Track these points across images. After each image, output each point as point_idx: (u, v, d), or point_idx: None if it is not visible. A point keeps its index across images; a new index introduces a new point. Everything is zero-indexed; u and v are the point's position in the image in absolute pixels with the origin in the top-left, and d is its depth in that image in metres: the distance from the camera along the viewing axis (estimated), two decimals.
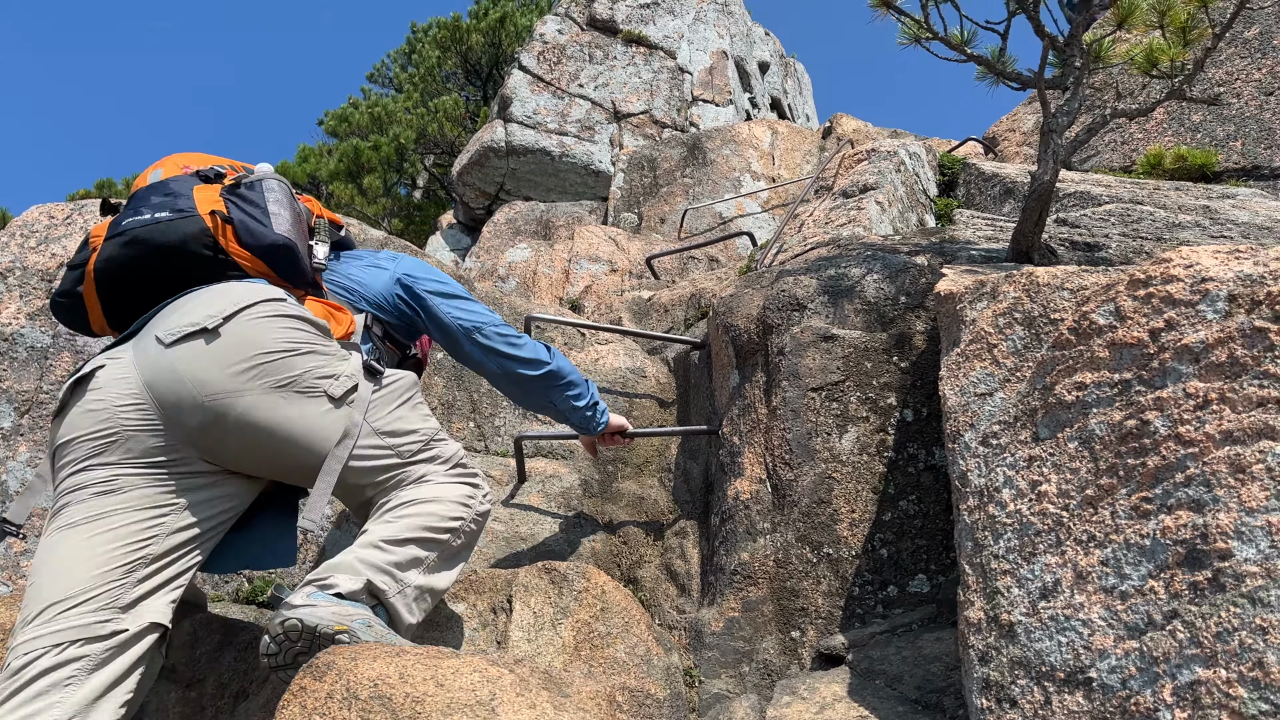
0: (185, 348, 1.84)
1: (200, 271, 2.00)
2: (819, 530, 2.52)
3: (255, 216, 2.06)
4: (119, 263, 1.97)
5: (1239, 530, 1.46)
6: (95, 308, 2.03)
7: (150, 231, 1.96)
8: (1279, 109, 4.78)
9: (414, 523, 1.96)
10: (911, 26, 2.87)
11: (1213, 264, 1.70)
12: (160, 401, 1.83)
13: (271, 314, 1.94)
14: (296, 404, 1.90)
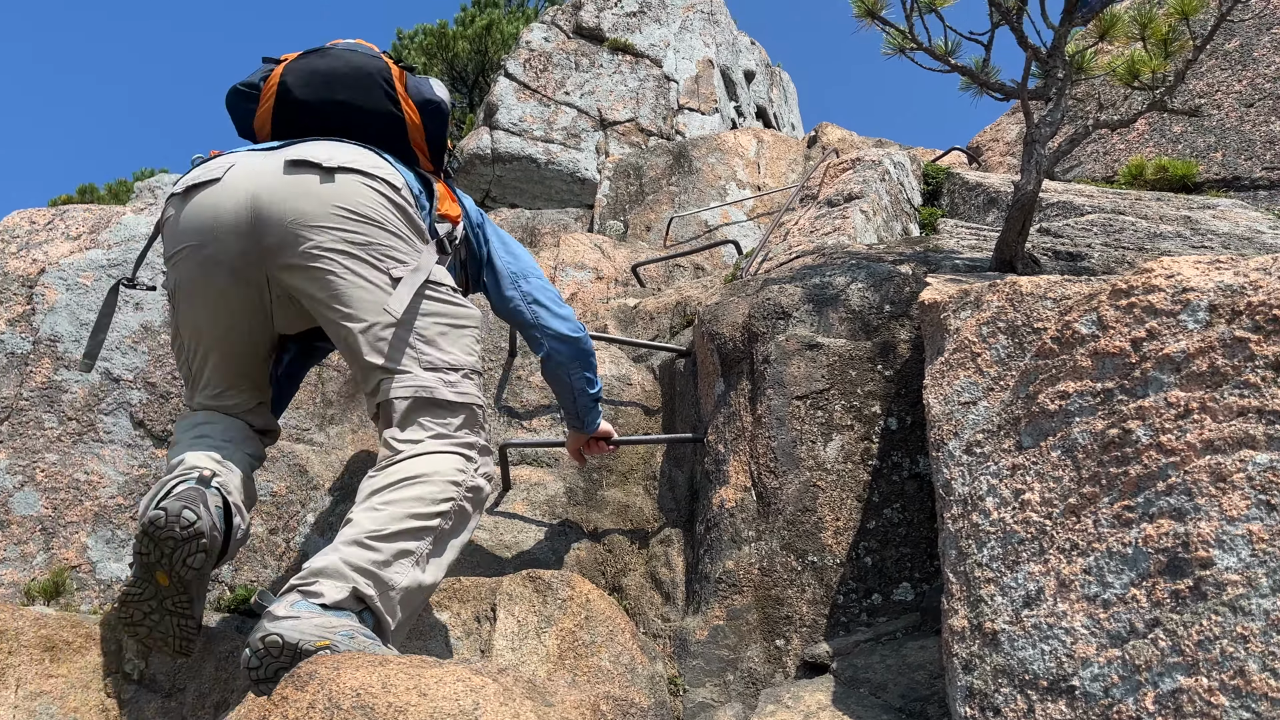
0: (305, 175, 2.00)
1: (370, 101, 2.19)
2: (804, 538, 2.52)
3: (423, 84, 2.30)
4: (314, 67, 2.16)
5: (1220, 539, 1.47)
6: (267, 105, 2.19)
7: (349, 52, 2.18)
8: (1259, 121, 4.83)
9: (402, 510, 1.91)
10: (896, 37, 2.88)
11: (1194, 274, 1.72)
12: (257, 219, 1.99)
13: (384, 188, 2.07)
14: (360, 265, 2.00)
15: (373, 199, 2.04)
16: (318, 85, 2.16)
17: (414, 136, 2.28)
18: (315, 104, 2.18)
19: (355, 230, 2.00)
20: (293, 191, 1.96)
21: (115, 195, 15.69)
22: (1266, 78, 4.96)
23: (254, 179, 1.99)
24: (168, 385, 3.14)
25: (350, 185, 2.01)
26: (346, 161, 2.04)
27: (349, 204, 2.00)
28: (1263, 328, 1.57)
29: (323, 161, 2.01)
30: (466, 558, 2.90)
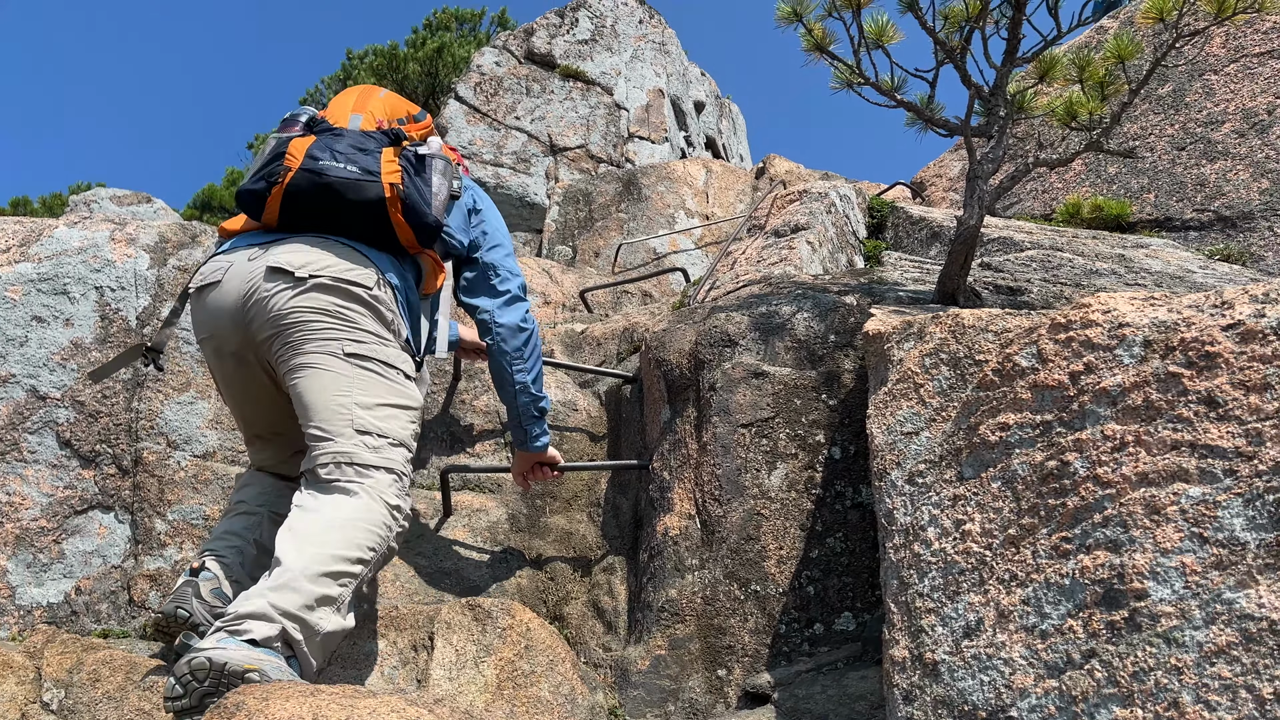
0: (277, 284, 2.28)
1: (362, 218, 2.40)
2: (747, 567, 2.51)
3: (421, 195, 2.45)
4: (308, 193, 2.36)
5: (1154, 571, 1.49)
6: (274, 211, 2.41)
7: (343, 185, 2.36)
8: (1190, 164, 5.00)
9: (330, 551, 1.99)
10: (844, 72, 2.93)
11: (1129, 310, 1.75)
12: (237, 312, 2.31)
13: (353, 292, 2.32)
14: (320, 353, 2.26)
15: (335, 303, 2.29)
16: (308, 204, 2.38)
17: (402, 237, 2.47)
18: (316, 210, 2.40)
19: (322, 325, 2.27)
20: (271, 295, 2.27)
21: (49, 208, 15.30)
22: (1197, 122, 5.14)
23: (243, 283, 2.31)
24: (97, 404, 3.04)
25: (317, 293, 2.28)
26: (318, 270, 2.29)
27: (317, 306, 2.27)
28: (1195, 363, 1.61)
29: (296, 270, 2.28)
30: (405, 584, 2.84)
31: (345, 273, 2.32)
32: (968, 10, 2.86)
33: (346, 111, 2.66)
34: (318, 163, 2.38)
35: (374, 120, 2.65)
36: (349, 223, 2.40)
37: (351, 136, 2.48)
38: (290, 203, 2.38)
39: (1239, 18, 2.61)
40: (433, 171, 2.53)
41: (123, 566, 2.89)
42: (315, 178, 2.36)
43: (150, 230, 3.45)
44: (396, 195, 2.40)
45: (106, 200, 7.74)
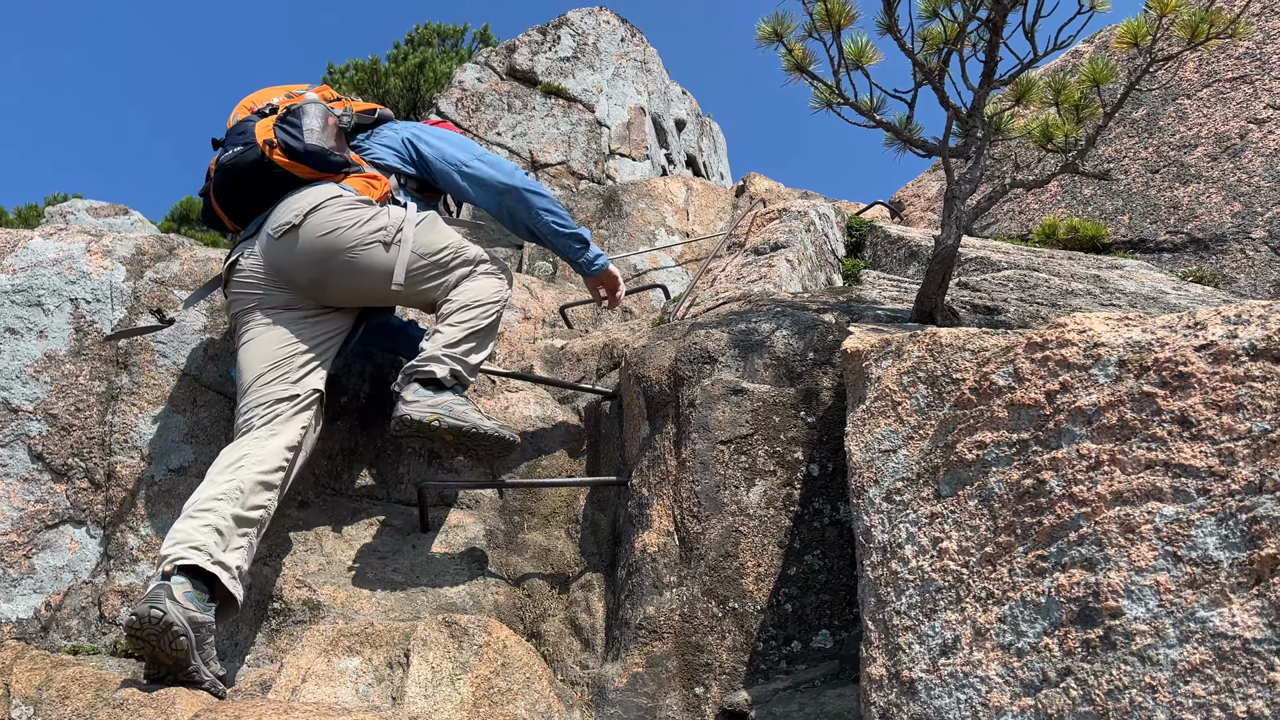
0: (287, 238, 2.80)
1: (270, 180, 2.87)
2: (725, 584, 2.51)
3: (294, 135, 2.87)
4: (223, 186, 2.92)
5: (1129, 589, 1.50)
6: (224, 215, 3.01)
7: (233, 162, 2.87)
8: (1163, 187, 5.07)
9: (464, 325, 2.86)
10: (824, 91, 2.95)
11: (1104, 330, 1.77)
12: (279, 272, 2.84)
13: (331, 205, 2.82)
14: (363, 257, 2.83)
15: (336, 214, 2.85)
16: (234, 193, 2.94)
17: (298, 173, 2.89)
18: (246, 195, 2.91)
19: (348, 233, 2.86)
20: (285, 248, 2.83)
21: (25, 219, 15.15)
22: (1171, 146, 5.22)
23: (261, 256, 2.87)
24: (70, 417, 3.01)
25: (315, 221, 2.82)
26: (303, 208, 2.82)
27: (327, 227, 2.83)
28: (1169, 383, 1.62)
29: (287, 223, 2.81)
30: (380, 601, 2.82)
31: (318, 196, 2.84)
32: (946, 33, 2.89)
33: (231, 120, 3.09)
34: (220, 162, 2.92)
35: (246, 111, 3.06)
36: (263, 188, 2.89)
37: (233, 130, 2.98)
38: (224, 201, 2.96)
39: (1212, 43, 2.66)
40: (301, 117, 2.91)
41: (94, 582, 2.85)
42: (221, 173, 2.91)
43: (127, 242, 3.43)
44: (270, 147, 2.85)
45: (83, 212, 7.67)
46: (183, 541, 2.35)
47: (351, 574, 2.91)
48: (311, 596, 2.81)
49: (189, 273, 3.40)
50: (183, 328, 3.27)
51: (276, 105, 3.00)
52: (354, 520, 3.13)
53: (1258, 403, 1.52)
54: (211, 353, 3.26)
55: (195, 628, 2.23)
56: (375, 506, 3.22)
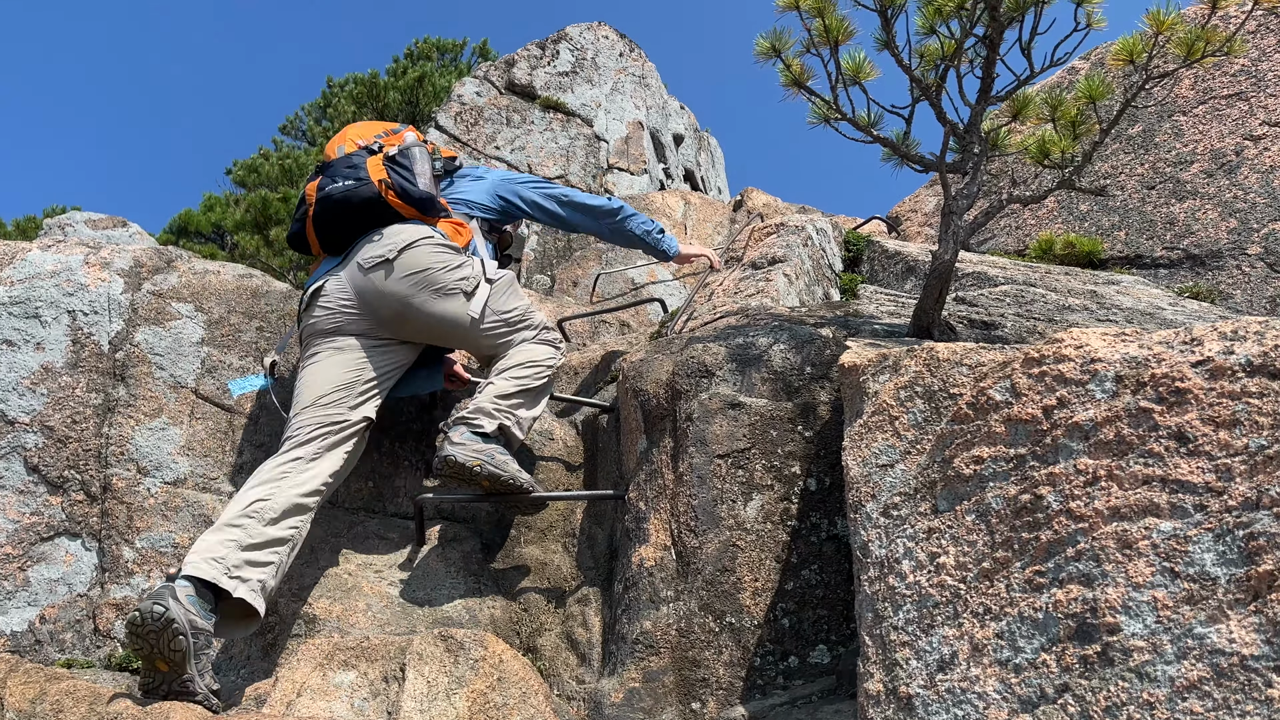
0: (378, 271, 2.97)
1: (375, 215, 3.06)
2: (722, 599, 2.50)
3: (407, 179, 3.09)
4: (326, 215, 3.06)
5: (1126, 605, 1.50)
6: (314, 241, 3.14)
7: (344, 195, 3.03)
8: (1159, 203, 5.09)
9: (518, 381, 3.03)
10: (821, 107, 2.96)
11: (1101, 345, 1.78)
12: (363, 302, 2.98)
13: (425, 246, 3.02)
14: (444, 301, 3.02)
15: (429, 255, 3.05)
16: (334, 223, 3.08)
17: (406, 214, 3.10)
18: (344, 225, 3.07)
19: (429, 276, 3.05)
20: (375, 281, 2.99)
21: (23, 231, 15.14)
22: (1167, 162, 5.24)
23: (349, 286, 3.02)
24: (66, 429, 3.00)
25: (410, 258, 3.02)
26: (400, 244, 3.02)
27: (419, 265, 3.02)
28: (1165, 399, 1.63)
29: (382, 256, 2.99)
30: (376, 614, 2.81)
31: (413, 235, 3.03)
32: (943, 49, 2.91)
33: (334, 149, 3.27)
34: (323, 188, 3.08)
35: (354, 145, 3.23)
36: (365, 221, 3.06)
37: (340, 162, 3.14)
38: (321, 228, 3.09)
39: (1207, 61, 2.67)
40: (411, 161, 3.15)
41: (88, 595, 2.84)
42: (325, 201, 3.05)
43: (125, 254, 3.43)
44: (385, 187, 3.04)
45: (81, 224, 7.68)
46: (202, 553, 2.41)
47: (347, 588, 2.90)
48: (307, 610, 2.80)
49: (186, 285, 3.41)
50: (180, 340, 3.27)
51: (381, 144, 3.22)
52: (350, 534, 3.13)
53: (1254, 419, 1.52)
54: (209, 365, 3.26)
55: (195, 632, 2.26)
56: (372, 520, 3.21)
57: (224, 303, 3.42)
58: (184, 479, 3.04)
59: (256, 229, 15.12)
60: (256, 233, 15.06)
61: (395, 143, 3.24)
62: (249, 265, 4.82)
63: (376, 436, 3.40)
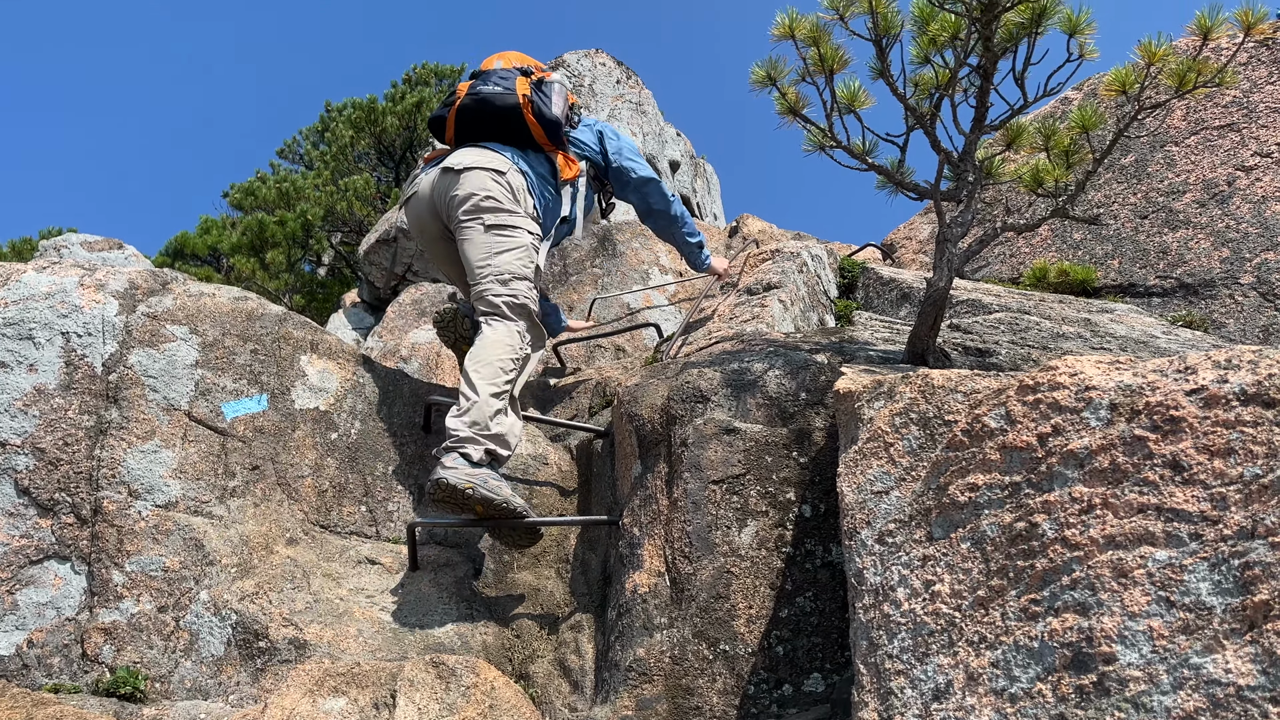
0: (448, 178, 3.45)
1: (509, 123, 3.56)
2: (716, 626, 2.49)
3: (544, 102, 3.58)
4: (471, 109, 3.60)
5: (1122, 634, 1.49)
6: (451, 129, 3.67)
7: (492, 96, 3.56)
8: (1152, 232, 5.11)
9: (489, 378, 3.09)
10: (816, 135, 2.98)
11: (1095, 373, 1.78)
12: (435, 202, 3.52)
13: (488, 178, 3.42)
14: (473, 231, 3.38)
15: (480, 186, 3.41)
16: (473, 117, 3.59)
17: (535, 134, 3.59)
18: (478, 122, 3.60)
19: (472, 203, 3.40)
20: (443, 186, 3.48)
21: (19, 253, 15.14)
22: (1159, 192, 5.27)
23: (429, 185, 3.55)
24: (58, 451, 2.99)
25: (468, 178, 3.43)
26: (469, 164, 3.45)
27: (468, 189, 3.41)
28: (1160, 427, 1.63)
29: (454, 166, 3.46)
30: (367, 639, 2.79)
31: (488, 163, 3.45)
32: (937, 78, 2.93)
33: (492, 64, 3.77)
34: (475, 88, 3.61)
35: (509, 64, 3.73)
36: (498, 128, 3.56)
37: (496, 73, 3.67)
38: (461, 117, 3.61)
39: (1199, 92, 2.70)
40: (551, 91, 3.65)
41: (77, 619, 2.82)
42: (475, 96, 3.58)
43: (120, 276, 3.43)
44: (526, 101, 3.54)
45: (77, 245, 7.68)
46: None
47: (339, 612, 2.88)
48: (298, 635, 2.78)
49: (181, 307, 3.40)
50: (174, 362, 3.26)
51: (530, 68, 3.71)
52: (342, 558, 3.11)
53: (1249, 447, 1.52)
54: (203, 387, 3.25)
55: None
56: (364, 544, 3.19)
57: (219, 325, 3.42)
58: (175, 502, 3.03)
59: (253, 251, 15.15)
60: (253, 255, 15.08)
61: (543, 76, 3.73)
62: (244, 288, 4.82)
63: (368, 459, 3.38)
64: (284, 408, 3.36)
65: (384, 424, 3.53)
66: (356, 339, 9.40)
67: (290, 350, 3.51)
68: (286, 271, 15.21)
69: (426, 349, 5.97)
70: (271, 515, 3.14)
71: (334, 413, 3.41)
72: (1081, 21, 2.72)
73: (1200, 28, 2.58)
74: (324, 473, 3.27)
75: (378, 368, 3.75)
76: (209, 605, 2.84)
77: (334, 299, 13.75)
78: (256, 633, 2.78)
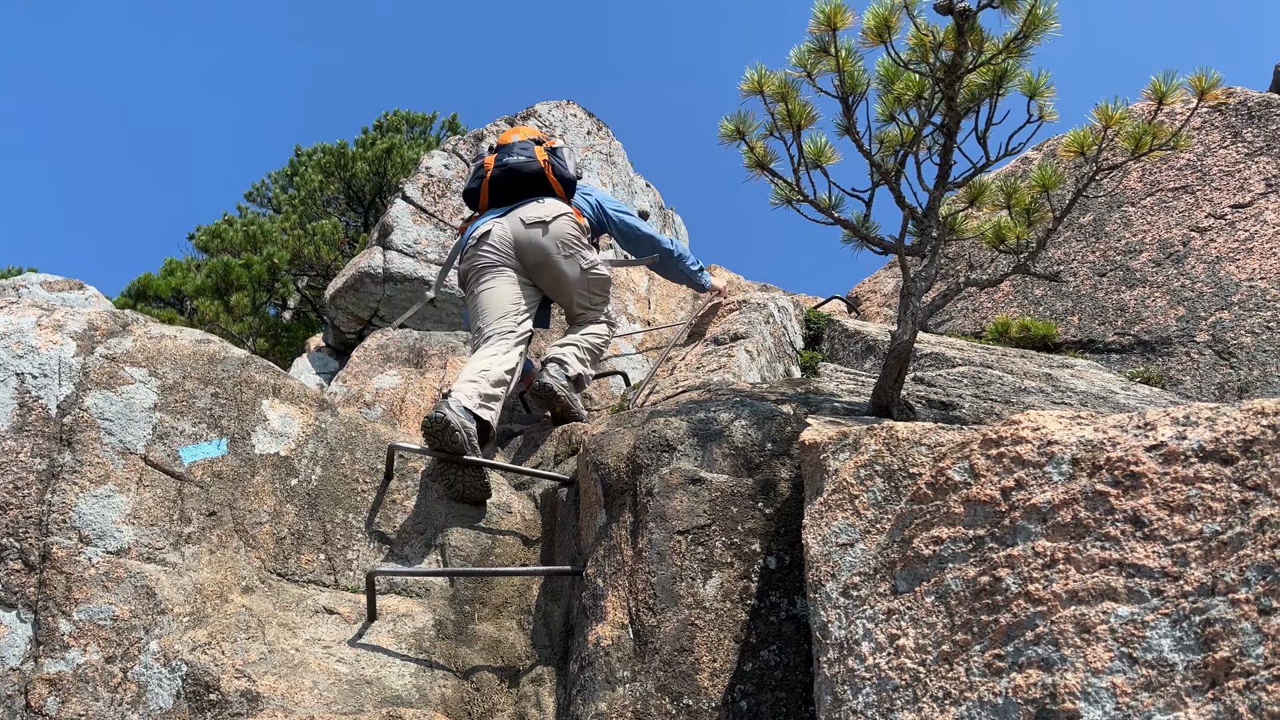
0: (536, 229, 4.18)
1: (535, 185, 4.31)
2: (679, 680, 2.45)
3: (561, 165, 4.41)
4: (502, 178, 4.32)
5: (1085, 691, 1.49)
6: (485, 197, 4.40)
7: (518, 165, 4.30)
8: (1110, 290, 5.22)
9: (588, 341, 4.31)
10: (783, 188, 3.02)
11: (1058, 428, 1.80)
12: (519, 249, 4.19)
13: (569, 221, 4.25)
14: (568, 263, 4.22)
15: (563, 234, 4.25)
16: (504, 186, 4.35)
17: (557, 190, 4.38)
18: (508, 189, 4.35)
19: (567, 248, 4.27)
20: (530, 238, 4.21)
21: None
22: (1117, 251, 5.39)
23: (505, 232, 4.26)
24: (7, 495, 2.91)
25: (553, 231, 4.23)
26: (546, 216, 4.23)
27: (555, 238, 4.22)
28: (1121, 483, 1.64)
29: (544, 218, 4.23)
30: (323, 692, 2.72)
31: (561, 209, 4.27)
32: (902, 136, 2.99)
33: (509, 138, 4.47)
34: (501, 160, 4.34)
35: (524, 136, 4.46)
36: (527, 189, 4.30)
37: (516, 145, 4.38)
38: (493, 186, 4.34)
39: (1154, 154, 2.77)
40: (564, 156, 4.48)
41: (21, 669, 2.72)
42: (503, 168, 4.31)
43: (79, 317, 3.38)
44: (548, 165, 4.32)
45: (36, 285, 7.57)
46: (460, 395, 3.57)
47: (294, 664, 2.81)
48: (250, 688, 2.70)
49: (141, 349, 3.35)
50: (132, 405, 3.20)
51: (542, 139, 4.46)
52: (300, 607, 3.04)
53: (1208, 504, 1.54)
54: (161, 431, 3.19)
55: (465, 428, 3.37)
56: (322, 593, 3.13)
57: (179, 368, 3.37)
58: (128, 548, 2.95)
59: (217, 294, 15.01)
60: (217, 298, 14.94)
61: (552, 143, 4.49)
62: (208, 331, 4.77)
63: (328, 506, 3.33)
64: (244, 453, 3.30)
65: (346, 470, 3.48)
66: (320, 384, 9.30)
67: (252, 394, 3.46)
68: (251, 315, 15.08)
69: (391, 394, 5.92)
70: (227, 563, 3.07)
71: (295, 458, 3.36)
72: (1041, 84, 2.80)
73: (1155, 92, 2.66)
74: (283, 519, 3.21)
75: (341, 413, 3.70)
76: (158, 656, 2.76)
77: (299, 343, 13.62)
78: (207, 684, 2.70)
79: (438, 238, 10.08)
